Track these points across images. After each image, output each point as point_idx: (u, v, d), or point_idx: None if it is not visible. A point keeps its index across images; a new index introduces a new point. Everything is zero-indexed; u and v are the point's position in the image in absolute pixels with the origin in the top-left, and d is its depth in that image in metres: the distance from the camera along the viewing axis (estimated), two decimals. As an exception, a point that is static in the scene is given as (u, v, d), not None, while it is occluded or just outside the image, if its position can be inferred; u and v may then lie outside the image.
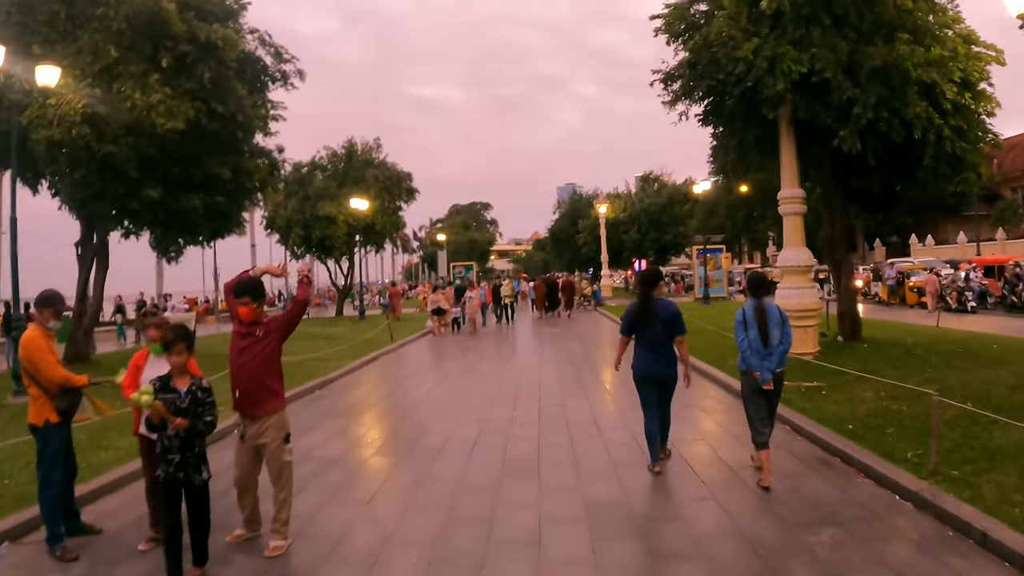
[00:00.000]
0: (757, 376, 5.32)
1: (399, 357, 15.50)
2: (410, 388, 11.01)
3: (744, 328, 5.39)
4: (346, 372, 12.78)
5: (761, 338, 5.31)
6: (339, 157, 31.28)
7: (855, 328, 13.05)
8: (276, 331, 4.45)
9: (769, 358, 5.32)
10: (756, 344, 5.33)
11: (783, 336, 5.35)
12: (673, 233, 40.92)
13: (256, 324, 4.41)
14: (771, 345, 5.32)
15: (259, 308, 4.46)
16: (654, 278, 5.93)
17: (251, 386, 4.34)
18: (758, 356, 5.33)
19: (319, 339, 19.43)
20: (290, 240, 29.75)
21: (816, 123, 10.93)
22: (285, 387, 4.63)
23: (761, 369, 5.31)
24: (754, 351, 5.34)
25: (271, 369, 4.44)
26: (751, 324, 5.36)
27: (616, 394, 9.62)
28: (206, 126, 12.31)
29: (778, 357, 5.37)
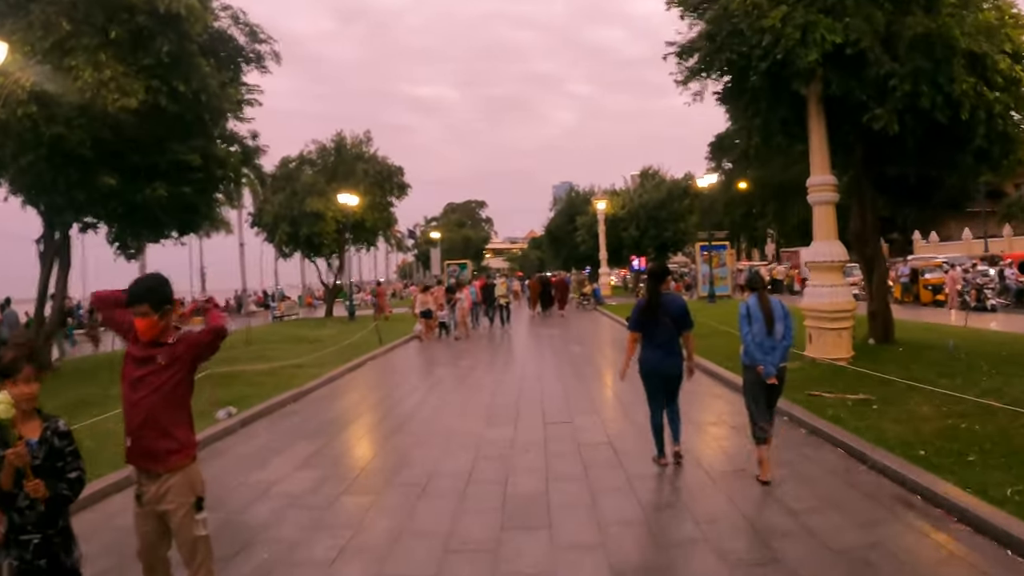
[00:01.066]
0: (761, 370, 5.27)
1: (386, 363, 14.22)
2: (395, 402, 9.73)
3: (748, 322, 5.36)
4: (326, 381, 11.51)
5: (766, 325, 5.29)
6: (328, 151, 29.93)
7: (887, 330, 11.88)
8: (185, 357, 3.14)
9: (773, 352, 5.29)
10: (760, 337, 5.30)
11: (786, 331, 5.34)
12: (673, 230, 39.70)
13: (159, 346, 3.12)
14: (775, 339, 5.29)
15: (163, 321, 3.10)
16: (662, 273, 5.93)
17: (148, 432, 3.06)
18: (762, 350, 5.29)
19: (303, 342, 18.17)
20: (276, 237, 28.40)
21: (849, 101, 9.75)
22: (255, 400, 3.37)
23: (765, 363, 5.27)
24: (758, 345, 5.30)
25: (175, 410, 3.14)
26: (755, 317, 5.34)
27: (629, 408, 8.38)
28: (167, 107, 11.02)
29: (781, 352, 5.35)
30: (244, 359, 14.68)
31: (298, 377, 11.73)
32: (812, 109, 10.14)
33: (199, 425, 8.30)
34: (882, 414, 7.17)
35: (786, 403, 7.87)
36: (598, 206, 36.29)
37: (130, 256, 13.48)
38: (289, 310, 33.04)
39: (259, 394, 10.11)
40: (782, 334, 5.32)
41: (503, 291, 21.78)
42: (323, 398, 10.27)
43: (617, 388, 9.58)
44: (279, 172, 31.28)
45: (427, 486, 5.59)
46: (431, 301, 17.93)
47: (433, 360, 14.27)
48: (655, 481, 5.59)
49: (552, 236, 53.64)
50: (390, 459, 6.54)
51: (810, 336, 10.43)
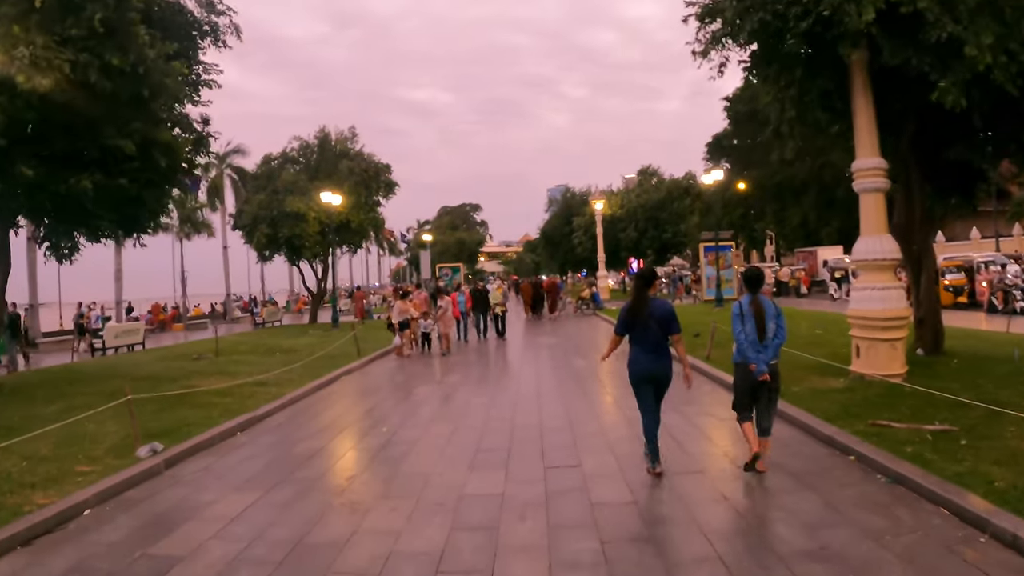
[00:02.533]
0: (753, 368, 5.39)
1: (359, 381, 12.42)
2: (360, 434, 8.00)
3: (741, 321, 5.45)
4: (286, 403, 9.83)
5: (757, 330, 5.39)
6: (311, 148, 28.27)
7: (937, 339, 10.31)
8: None
9: (765, 351, 5.41)
10: (752, 337, 5.40)
11: (778, 329, 5.46)
12: (672, 231, 38.21)
13: None
14: (767, 338, 5.41)
15: None
16: (650, 277, 5.93)
17: None
18: (754, 348, 5.39)
19: (277, 353, 16.50)
20: (255, 239, 26.71)
21: (903, 71, 8.19)
22: (196, 429, 2.62)
23: (757, 361, 5.38)
24: (750, 343, 5.40)
25: None
26: (747, 317, 5.43)
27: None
28: (96, 84, 9.36)
29: (773, 350, 5.47)
30: (205, 374, 13.02)
31: (256, 397, 10.08)
32: (857, 80, 8.56)
33: (113, 466, 6.81)
34: (977, 452, 5.58)
35: (848, 436, 6.28)
36: (596, 206, 34.74)
37: (62, 258, 11.74)
38: (271, 316, 31.29)
39: (204, 420, 8.47)
40: (774, 332, 5.43)
41: (499, 297, 18.90)
42: (277, 427, 8.58)
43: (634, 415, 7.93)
44: (260, 171, 29.70)
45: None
46: (411, 309, 15.55)
47: (413, 379, 12.32)
48: (711, 570, 3.94)
49: (547, 238, 52.08)
50: (336, 528, 4.85)
51: (857, 348, 8.84)
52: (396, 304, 15.39)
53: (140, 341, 22.59)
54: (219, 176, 42.81)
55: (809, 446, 6.42)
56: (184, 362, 15.51)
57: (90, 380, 12.41)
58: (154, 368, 14.43)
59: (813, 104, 8.59)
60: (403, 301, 15.55)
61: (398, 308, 15.22)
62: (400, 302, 15.48)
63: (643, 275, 5.91)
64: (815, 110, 8.61)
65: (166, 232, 37.48)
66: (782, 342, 5.51)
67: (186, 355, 16.86)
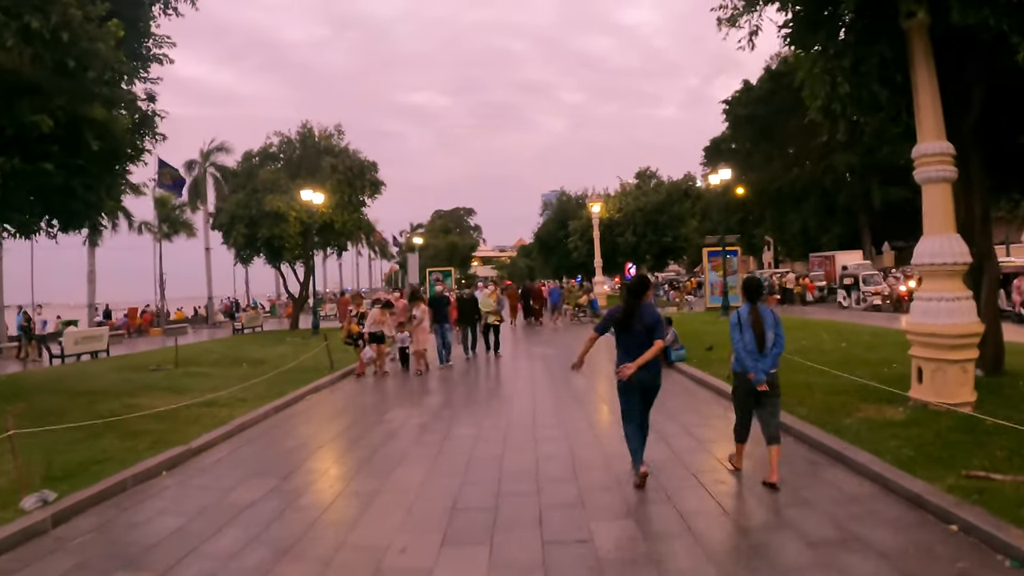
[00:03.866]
0: (752, 377, 5.34)
1: (323, 403, 10.62)
2: (306, 481, 6.30)
3: (739, 330, 5.41)
4: (232, 432, 8.24)
5: (756, 341, 5.35)
6: (292, 144, 26.70)
7: (998, 357, 8.85)
8: None
9: (763, 360, 5.36)
10: (751, 346, 5.35)
11: (777, 339, 5.39)
12: (672, 235, 36.81)
13: None
14: (766, 348, 5.36)
15: None
16: (640, 288, 5.67)
17: None
18: (752, 358, 5.35)
19: (243, 364, 14.91)
20: (232, 240, 25.11)
21: (973, 35, 6.78)
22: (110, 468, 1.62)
23: (756, 371, 5.34)
24: (748, 353, 5.36)
25: None
26: (746, 326, 5.39)
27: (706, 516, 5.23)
28: (14, 49, 7.83)
29: (772, 359, 5.40)
30: (154, 389, 11.45)
31: (200, 422, 8.51)
32: (917, 48, 7.10)
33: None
34: None
35: (941, 495, 4.77)
36: (592, 209, 33.26)
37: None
38: (251, 322, 29.62)
39: (125, 454, 6.92)
40: (772, 341, 5.38)
41: (491, 305, 15.65)
42: (212, 464, 6.99)
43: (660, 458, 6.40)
44: (241, 168, 28.12)
45: None
46: (387, 321, 13.01)
47: (386, 402, 10.39)
48: None
49: (542, 243, 50.62)
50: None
51: (919, 371, 7.36)
52: (371, 312, 13.18)
53: (104, 348, 20.95)
54: (202, 175, 41.15)
55: (891, 507, 4.91)
56: (140, 374, 13.92)
57: (24, 394, 10.81)
58: (103, 381, 12.84)
59: (870, 76, 7.12)
60: (381, 311, 13.09)
61: (372, 317, 12.96)
62: (376, 310, 13.16)
63: (633, 286, 5.74)
64: (872, 83, 7.13)
65: (143, 232, 35.88)
66: (781, 351, 5.47)
67: (146, 365, 15.26)
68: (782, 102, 50.05)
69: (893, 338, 13.97)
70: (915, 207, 23.94)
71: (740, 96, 55.30)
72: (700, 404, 9.04)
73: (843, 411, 7.30)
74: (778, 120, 51.18)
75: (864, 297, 26.64)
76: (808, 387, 8.68)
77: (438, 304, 14.26)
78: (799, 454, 6.35)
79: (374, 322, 12.86)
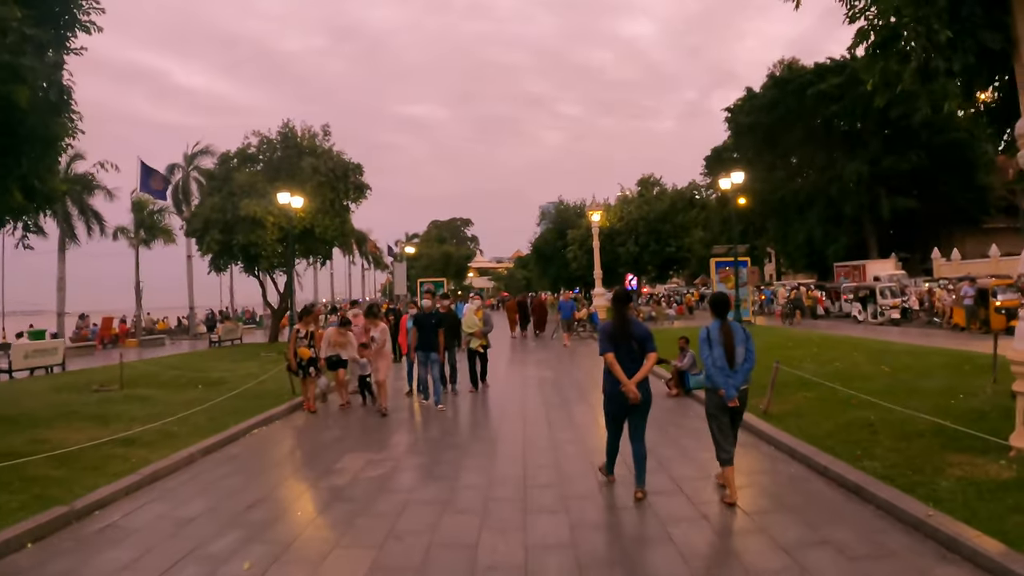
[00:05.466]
0: (723, 393, 5.29)
1: (265, 443, 8.45)
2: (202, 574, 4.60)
3: (709, 346, 5.38)
4: (139, 484, 6.45)
5: (726, 356, 5.32)
6: (273, 145, 25.03)
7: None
8: None
9: (734, 376, 5.33)
10: (721, 362, 5.33)
11: (747, 354, 5.36)
12: (676, 245, 35.11)
13: None
14: (736, 363, 5.33)
15: None
16: (627, 298, 5.83)
17: None
18: (723, 374, 5.32)
19: (199, 385, 13.13)
20: (205, 246, 23.37)
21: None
22: None
23: (727, 387, 5.30)
24: (719, 369, 5.33)
25: None
26: (715, 342, 5.36)
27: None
28: None
29: (743, 375, 5.36)
30: (79, 417, 9.70)
31: (105, 468, 6.80)
32: (1021, -4, 5.44)
33: None
34: None
35: None
36: (592, 218, 31.62)
37: None
38: (229, 334, 27.82)
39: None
40: (743, 357, 5.34)
41: (474, 323, 12.03)
42: (90, 537, 5.20)
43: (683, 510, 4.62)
44: (217, 171, 26.45)
45: None
46: (348, 342, 10.58)
47: (337, 446, 8.05)
48: None
49: (539, 253, 48.90)
50: None
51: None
52: (326, 333, 10.65)
53: (59, 362, 19.17)
54: (185, 179, 39.49)
55: None
56: (79, 395, 12.17)
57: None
58: (31, 404, 11.09)
59: (976, 18, 5.40)
60: (338, 330, 10.59)
61: (327, 339, 10.45)
62: (333, 330, 10.61)
63: (620, 296, 5.82)
64: (980, 29, 5.42)
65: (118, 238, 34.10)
66: (751, 367, 5.43)
67: (90, 384, 13.50)
68: (786, 110, 48.87)
69: (936, 359, 12.28)
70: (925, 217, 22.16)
71: (743, 104, 54.01)
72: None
73: (929, 466, 5.56)
74: (782, 128, 49.92)
75: (882, 310, 24.99)
76: (867, 428, 6.95)
77: (424, 324, 10.48)
78: (892, 538, 4.52)
79: (330, 344, 10.49)
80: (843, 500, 5.29)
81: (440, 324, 10.53)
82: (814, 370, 10.81)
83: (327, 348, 10.51)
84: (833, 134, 48.59)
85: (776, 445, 6.88)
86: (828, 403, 8.23)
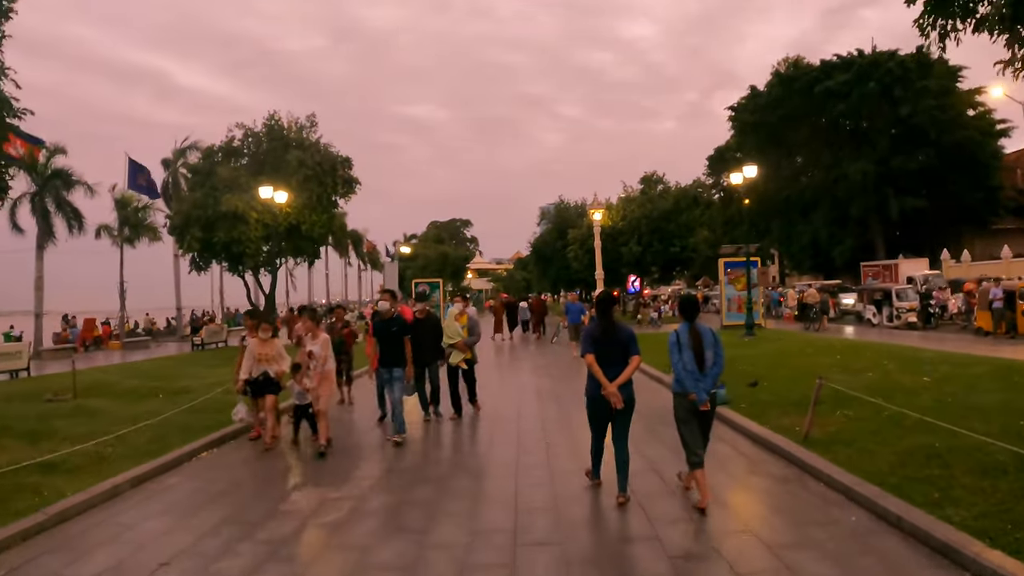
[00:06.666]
0: (693, 397, 5.25)
1: (207, 473, 7.01)
2: None
3: (678, 350, 5.35)
4: (28, 532, 5.18)
5: (695, 360, 5.29)
6: (259, 138, 23.80)
7: None
8: None
9: (704, 379, 5.30)
10: (691, 366, 5.29)
11: (716, 358, 5.34)
12: (681, 245, 33.89)
13: None
14: (706, 367, 5.30)
15: None
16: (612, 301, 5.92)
17: None
18: (693, 378, 5.28)
19: (159, 395, 11.90)
20: (185, 244, 22.14)
21: None
22: None
23: (697, 391, 5.26)
24: (688, 373, 5.29)
25: None
26: (685, 346, 5.33)
27: None
28: None
29: (712, 379, 5.35)
30: (10, 434, 8.44)
31: (8, 505, 5.61)
32: None
33: None
34: None
35: None
36: (594, 216, 30.41)
37: None
38: (212, 336, 26.52)
39: None
40: (712, 360, 5.32)
41: (456, 332, 9.44)
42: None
43: None
44: (200, 165, 25.24)
45: None
46: (280, 354, 8.23)
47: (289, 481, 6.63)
48: None
49: (539, 254, 47.67)
50: None
51: None
52: (248, 344, 8.24)
53: (23, 367, 17.93)
54: (174, 175, 38.23)
55: None
56: (27, 405, 10.98)
57: None
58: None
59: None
60: (263, 339, 8.12)
61: (251, 351, 8.11)
62: (256, 341, 8.11)
63: (606, 298, 5.89)
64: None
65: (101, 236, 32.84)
66: (720, 371, 5.38)
67: (45, 393, 12.26)
68: (791, 108, 47.60)
69: (977, 368, 11.00)
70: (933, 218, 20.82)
71: (747, 102, 52.68)
72: (768, 482, 6.03)
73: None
74: (787, 127, 48.66)
75: (898, 313, 23.75)
76: (936, 459, 5.68)
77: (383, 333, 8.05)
78: None
79: (254, 359, 8.06)
80: (931, 566, 4.04)
81: (403, 333, 8.09)
82: (846, 382, 9.54)
83: (249, 365, 8.02)
84: (839, 133, 47.41)
85: (827, 482, 5.60)
86: (875, 424, 6.97)
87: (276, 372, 8.13)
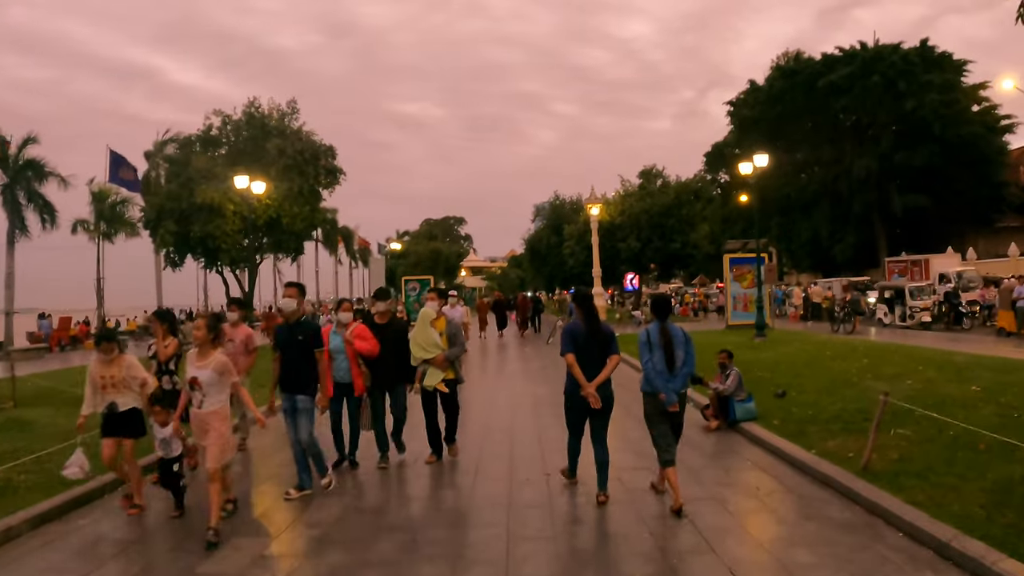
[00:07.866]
0: (663, 397, 5.21)
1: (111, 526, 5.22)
2: None
3: (649, 349, 5.32)
4: None
5: (666, 360, 5.26)
6: (238, 126, 22.48)
7: None
8: None
9: (674, 379, 5.28)
10: (661, 366, 5.27)
11: (687, 357, 5.35)
12: (681, 241, 32.73)
13: None
14: (676, 367, 5.29)
15: None
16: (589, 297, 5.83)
17: None
18: (663, 378, 5.25)
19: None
20: (159, 239, 20.82)
21: None
22: None
23: (667, 391, 5.22)
24: (658, 373, 5.26)
25: None
26: (655, 346, 5.32)
27: None
28: None
29: (682, 379, 5.35)
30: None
31: None
32: None
33: None
34: None
35: None
36: (591, 211, 29.22)
37: None
38: (187, 338, 25.17)
39: None
40: (683, 360, 5.31)
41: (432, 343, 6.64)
42: None
43: None
44: (177, 155, 23.90)
45: None
46: (141, 377, 5.57)
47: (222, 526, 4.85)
48: None
49: (534, 251, 46.49)
50: None
51: None
52: (90, 367, 5.69)
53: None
54: (155, 168, 36.82)
55: None
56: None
57: None
58: None
59: None
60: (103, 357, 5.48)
61: (91, 375, 5.62)
62: (97, 360, 5.55)
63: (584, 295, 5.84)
64: None
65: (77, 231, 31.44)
66: (691, 371, 5.44)
67: None
68: (792, 102, 46.53)
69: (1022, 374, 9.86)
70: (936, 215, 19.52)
71: (746, 97, 51.54)
72: (830, 531, 4.80)
73: None
74: (787, 122, 47.56)
75: (911, 313, 22.69)
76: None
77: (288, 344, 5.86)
78: None
79: (95, 385, 5.54)
80: None
81: (314, 344, 5.83)
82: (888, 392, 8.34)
83: (91, 394, 5.53)
84: (841, 128, 46.40)
85: (908, 533, 4.32)
86: (943, 447, 5.77)
87: (141, 395, 5.53)
